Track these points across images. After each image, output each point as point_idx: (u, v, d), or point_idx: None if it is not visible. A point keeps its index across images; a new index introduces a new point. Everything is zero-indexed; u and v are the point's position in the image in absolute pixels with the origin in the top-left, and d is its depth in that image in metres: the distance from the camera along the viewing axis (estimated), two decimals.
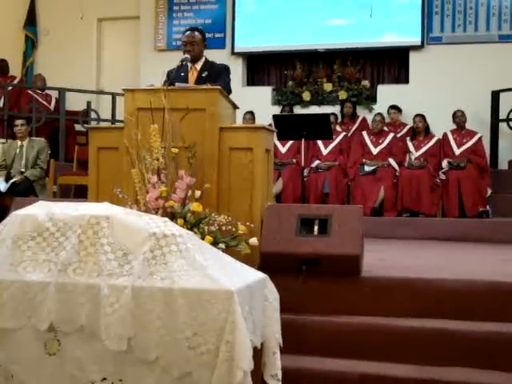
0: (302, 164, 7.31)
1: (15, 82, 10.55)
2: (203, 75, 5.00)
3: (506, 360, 3.45)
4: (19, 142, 8.11)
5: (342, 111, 9.34)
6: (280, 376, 2.95)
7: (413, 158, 7.90)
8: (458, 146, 7.95)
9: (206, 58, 5.13)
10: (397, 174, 7.82)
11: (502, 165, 8.88)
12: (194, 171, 3.94)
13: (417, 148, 7.98)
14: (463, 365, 3.47)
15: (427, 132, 8.11)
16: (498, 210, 7.52)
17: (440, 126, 8.22)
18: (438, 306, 3.77)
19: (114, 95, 9.76)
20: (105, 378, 2.67)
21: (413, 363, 3.51)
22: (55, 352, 2.70)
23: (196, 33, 5.07)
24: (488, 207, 7.47)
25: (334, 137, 7.96)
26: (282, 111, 9.32)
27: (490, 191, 7.70)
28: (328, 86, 9.90)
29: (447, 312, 3.73)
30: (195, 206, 3.81)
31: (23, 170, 7.95)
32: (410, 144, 8.05)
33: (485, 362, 3.46)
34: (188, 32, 5.08)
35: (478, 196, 7.50)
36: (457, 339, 3.54)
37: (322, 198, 7.84)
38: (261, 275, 3.01)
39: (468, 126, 8.17)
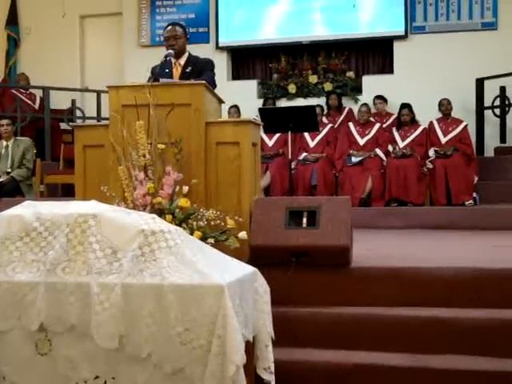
0: (290, 157, 7.31)
1: None
2: (187, 70, 4.99)
3: (497, 346, 3.47)
4: (4, 142, 8.08)
5: (327, 103, 9.34)
6: (273, 369, 2.96)
7: (397, 147, 7.90)
8: (445, 135, 7.97)
9: (189, 53, 5.12)
10: (384, 164, 7.83)
11: (488, 152, 8.93)
12: (181, 167, 3.93)
13: (403, 138, 7.99)
14: (455, 352, 3.49)
15: (413, 121, 8.12)
16: (484, 197, 7.55)
17: (426, 114, 8.24)
18: (427, 294, 3.78)
19: (98, 92, 9.73)
20: (97, 377, 2.67)
21: (405, 352, 3.52)
22: (47, 352, 2.69)
23: (177, 27, 5.06)
24: (475, 194, 7.50)
25: (320, 129, 7.97)
26: (264, 104, 9.31)
27: (476, 179, 7.73)
28: (313, 78, 9.90)
29: (437, 300, 3.75)
30: (183, 202, 3.79)
31: (9, 170, 7.91)
32: (396, 134, 8.07)
33: (475, 349, 3.48)
34: (169, 27, 5.08)
35: (465, 184, 7.53)
36: (447, 327, 3.56)
37: (310, 190, 7.84)
38: (251, 269, 3.02)
39: (453, 114, 8.19)
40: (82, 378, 2.67)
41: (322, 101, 9.48)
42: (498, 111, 8.84)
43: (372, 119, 8.56)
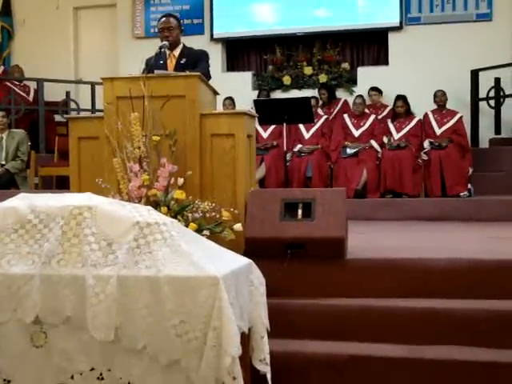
0: (285, 148, 7.31)
1: None
2: (182, 62, 4.99)
3: (492, 337, 3.48)
4: None
5: (320, 97, 9.32)
6: (268, 360, 2.96)
7: (392, 139, 7.90)
8: (439, 126, 7.97)
9: (184, 45, 5.11)
10: (379, 155, 7.83)
11: (483, 143, 8.94)
12: (176, 159, 3.93)
13: (398, 129, 7.98)
14: (450, 343, 3.49)
15: (408, 113, 8.11)
16: (479, 188, 7.56)
17: (421, 106, 8.23)
18: (423, 285, 3.79)
19: (93, 84, 9.70)
20: (93, 369, 2.67)
21: (401, 343, 3.52)
22: (42, 344, 2.69)
23: (171, 18, 5.07)
24: (470, 186, 7.51)
25: (315, 120, 7.96)
26: (259, 96, 9.30)
27: (471, 170, 7.74)
28: (308, 70, 9.89)
29: (433, 291, 3.75)
30: (178, 194, 3.79)
31: (4, 162, 7.89)
32: (391, 125, 8.06)
33: (471, 340, 3.48)
34: (163, 18, 5.08)
35: (460, 175, 7.54)
36: (443, 318, 3.57)
37: (305, 181, 7.84)
38: (246, 261, 3.01)
39: (448, 105, 8.19)
40: (78, 370, 2.67)
41: (316, 92, 9.46)
42: (492, 102, 8.84)
43: (367, 111, 8.55)
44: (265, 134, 8.36)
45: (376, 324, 3.61)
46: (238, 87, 9.40)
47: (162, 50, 4.84)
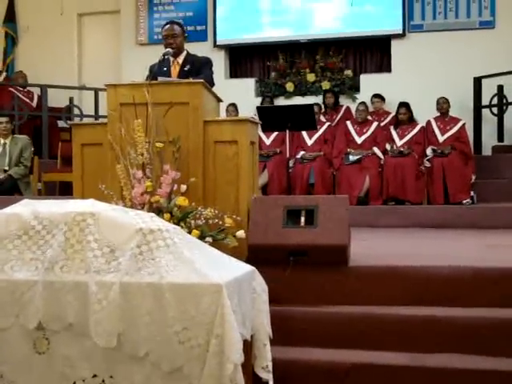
0: (287, 155, 7.31)
1: None
2: (185, 69, 5.00)
3: (493, 345, 3.47)
4: (2, 140, 8.06)
5: (324, 102, 9.34)
6: (271, 368, 2.96)
7: (395, 146, 7.90)
8: (442, 134, 7.98)
9: (187, 52, 5.13)
10: (382, 162, 7.83)
11: (486, 151, 8.94)
12: (179, 165, 3.93)
13: (401, 136, 7.99)
14: (451, 351, 3.49)
15: (411, 120, 8.12)
16: (482, 196, 7.56)
17: (424, 113, 8.24)
18: (425, 292, 3.78)
19: (96, 91, 9.72)
20: (95, 375, 2.67)
21: (403, 351, 3.52)
22: (44, 351, 2.69)
23: (175, 25, 5.08)
24: (472, 193, 7.51)
25: (318, 127, 7.97)
26: (262, 103, 9.31)
27: (474, 177, 7.74)
28: (311, 77, 9.90)
29: (435, 299, 3.75)
30: (181, 200, 3.80)
31: (7, 168, 7.90)
32: (393, 132, 8.07)
33: (472, 348, 3.47)
34: (167, 26, 5.09)
35: (463, 183, 7.54)
36: (444, 326, 3.56)
37: (308, 188, 7.84)
38: (249, 268, 3.02)
39: (451, 112, 8.19)
40: (80, 377, 2.67)
41: (319, 99, 9.47)
42: (495, 110, 8.84)
43: (370, 118, 8.56)
44: (267, 141, 8.37)
45: (378, 331, 3.61)
46: (241, 94, 9.42)
47: (166, 56, 4.86)
